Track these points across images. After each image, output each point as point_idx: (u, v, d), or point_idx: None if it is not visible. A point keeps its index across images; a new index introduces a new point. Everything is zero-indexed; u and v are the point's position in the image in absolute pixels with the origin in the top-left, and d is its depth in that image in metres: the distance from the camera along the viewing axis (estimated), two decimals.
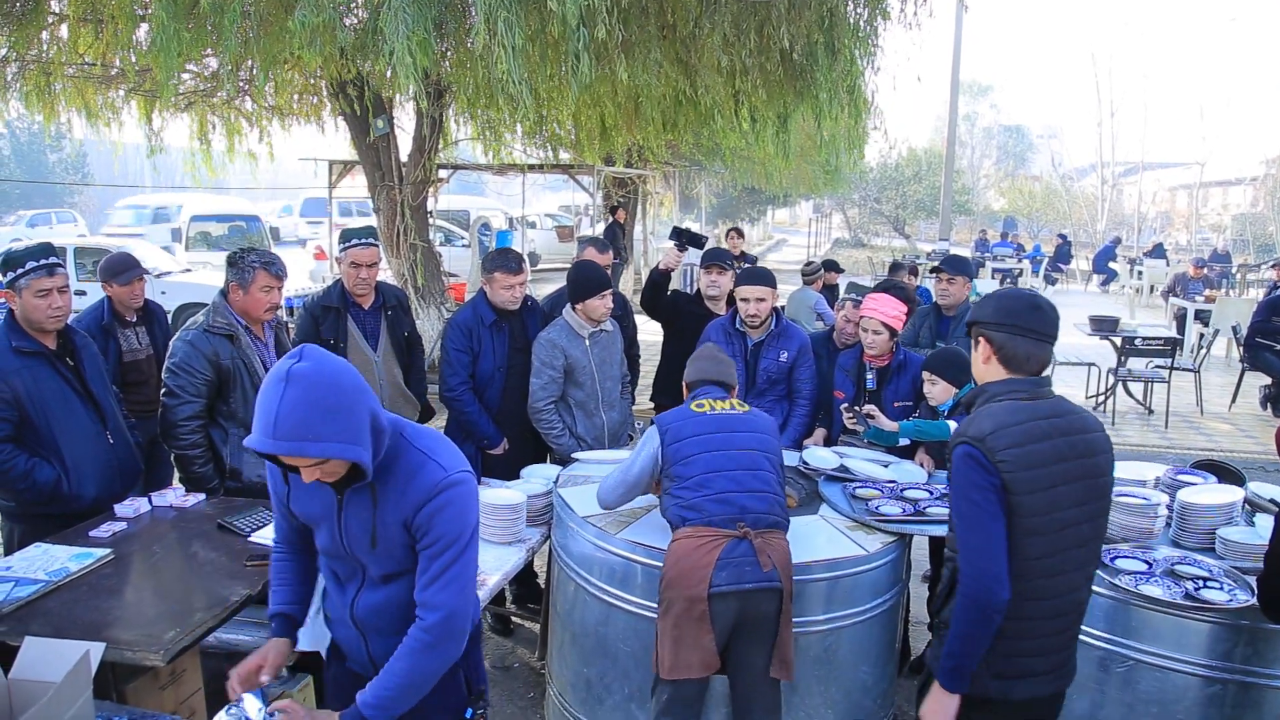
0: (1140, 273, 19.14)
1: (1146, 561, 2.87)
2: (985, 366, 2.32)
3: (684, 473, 2.83)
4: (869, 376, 4.03)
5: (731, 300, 4.74)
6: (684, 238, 4.75)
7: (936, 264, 5.43)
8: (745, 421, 2.96)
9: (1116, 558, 2.89)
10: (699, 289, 4.70)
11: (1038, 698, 2.28)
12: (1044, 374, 2.30)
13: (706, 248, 4.96)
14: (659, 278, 4.74)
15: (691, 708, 2.78)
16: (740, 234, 11.39)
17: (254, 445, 1.75)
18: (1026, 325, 2.24)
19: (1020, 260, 20.28)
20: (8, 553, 3.20)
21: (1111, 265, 21.52)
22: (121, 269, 4.34)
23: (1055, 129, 54.63)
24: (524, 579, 4.52)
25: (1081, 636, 2.80)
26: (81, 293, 11.20)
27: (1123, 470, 3.54)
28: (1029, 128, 57.41)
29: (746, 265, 6.28)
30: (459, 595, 1.95)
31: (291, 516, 2.14)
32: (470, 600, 2.01)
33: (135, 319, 4.44)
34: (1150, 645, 2.72)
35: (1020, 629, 2.18)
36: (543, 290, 5.44)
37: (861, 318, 3.97)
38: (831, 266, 8.87)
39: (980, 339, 2.31)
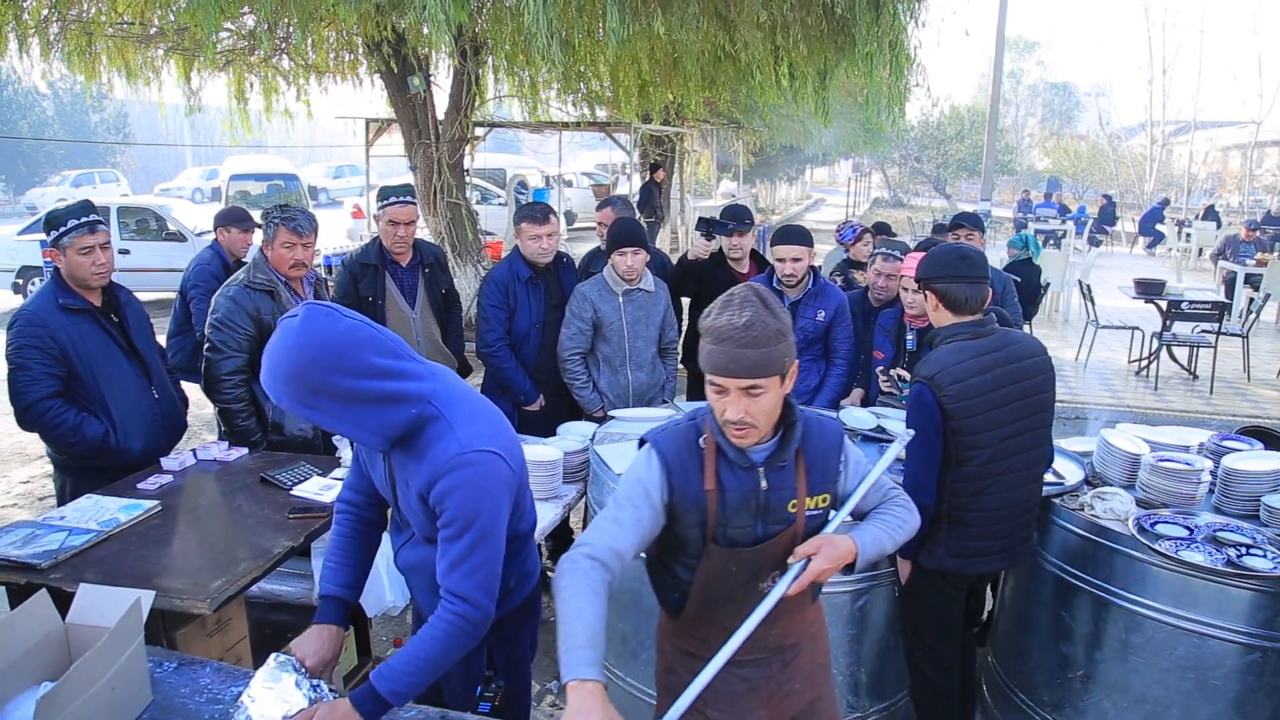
0: (1188, 235, 18.64)
1: (1188, 527, 2.83)
2: (936, 313, 2.80)
3: None
4: (909, 337, 3.98)
5: (757, 259, 4.69)
6: (711, 227, 4.73)
7: (955, 220, 5.34)
8: None
9: (1157, 523, 2.85)
10: (722, 250, 4.68)
11: (988, 573, 2.88)
12: (983, 313, 2.75)
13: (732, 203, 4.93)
14: (688, 267, 4.72)
15: None
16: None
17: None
18: (957, 273, 2.72)
19: (1064, 221, 19.82)
20: (60, 504, 3.30)
21: (1159, 227, 20.98)
22: (243, 217, 4.95)
23: (1103, 86, 53.29)
24: (559, 535, 4.57)
25: (1118, 601, 2.81)
26: (125, 251, 11.39)
27: (1166, 435, 3.49)
28: (1076, 85, 55.89)
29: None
30: (478, 588, 1.82)
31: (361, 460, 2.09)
32: (492, 592, 1.86)
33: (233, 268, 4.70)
34: (1189, 611, 2.69)
35: (972, 519, 2.71)
36: (579, 249, 5.43)
37: (902, 276, 3.93)
38: (882, 229, 8.50)
39: (927, 292, 2.80)
